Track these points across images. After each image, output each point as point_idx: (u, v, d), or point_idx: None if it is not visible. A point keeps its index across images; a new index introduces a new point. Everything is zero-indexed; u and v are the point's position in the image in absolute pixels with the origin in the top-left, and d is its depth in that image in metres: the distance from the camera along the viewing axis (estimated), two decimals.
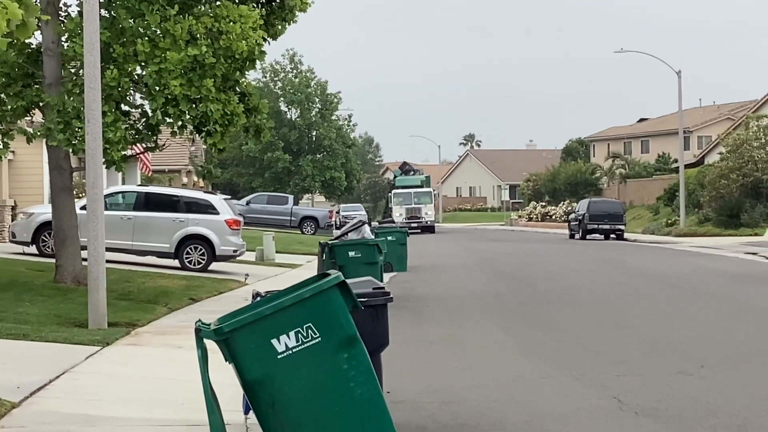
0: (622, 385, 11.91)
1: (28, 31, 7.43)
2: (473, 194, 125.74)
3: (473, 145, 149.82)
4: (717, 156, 63.95)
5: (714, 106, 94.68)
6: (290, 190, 77.73)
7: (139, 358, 13.88)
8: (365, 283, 9.04)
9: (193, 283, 24.44)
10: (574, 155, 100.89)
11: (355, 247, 22.45)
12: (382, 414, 7.41)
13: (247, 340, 7.28)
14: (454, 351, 15.25)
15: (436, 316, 19.84)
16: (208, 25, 19.80)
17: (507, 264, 35.68)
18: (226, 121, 20.36)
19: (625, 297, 23.43)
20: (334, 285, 7.35)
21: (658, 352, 14.80)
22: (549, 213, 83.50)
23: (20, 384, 10.95)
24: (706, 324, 18.35)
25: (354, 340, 7.37)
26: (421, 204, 71.78)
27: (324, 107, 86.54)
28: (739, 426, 9.87)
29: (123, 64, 19.87)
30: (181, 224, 28.25)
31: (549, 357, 14.44)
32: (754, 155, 57.94)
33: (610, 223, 57.54)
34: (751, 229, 55.24)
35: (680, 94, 62.33)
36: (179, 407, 10.54)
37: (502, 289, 25.92)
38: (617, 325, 18.10)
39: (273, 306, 7.31)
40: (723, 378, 12.48)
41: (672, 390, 11.64)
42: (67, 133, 19.82)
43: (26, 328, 15.20)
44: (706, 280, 28.01)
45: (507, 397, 11.41)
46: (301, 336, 7.31)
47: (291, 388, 7.31)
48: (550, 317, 19.57)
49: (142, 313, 18.35)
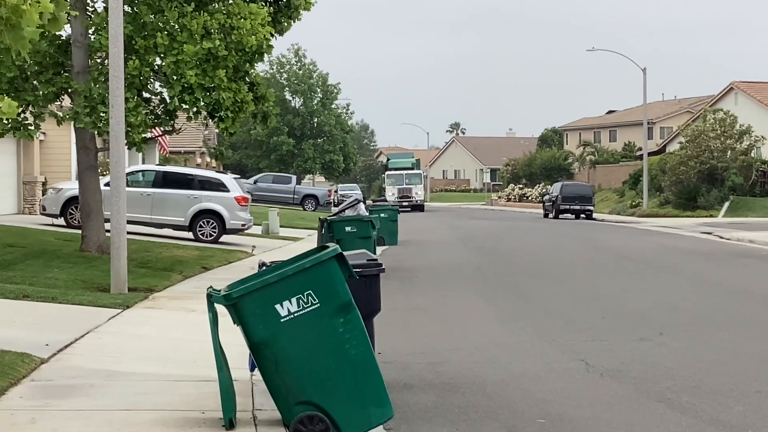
0: (590, 350, 11.93)
1: (59, 25, 7.38)
2: (458, 177, 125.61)
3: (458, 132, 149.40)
4: (677, 145, 63.95)
5: (675, 100, 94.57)
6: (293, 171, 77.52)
7: (156, 320, 13.86)
8: (360, 255, 9.02)
9: (205, 253, 24.40)
10: (549, 143, 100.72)
11: (351, 222, 22.43)
12: (374, 372, 7.42)
13: (253, 305, 7.28)
14: (440, 317, 15.26)
15: (423, 286, 19.84)
16: (221, 21, 19.71)
17: (487, 240, 35.67)
18: (236, 108, 20.29)
19: (593, 271, 23.43)
20: (332, 257, 7.34)
21: (622, 320, 14.84)
22: (526, 194, 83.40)
23: (49, 342, 10.93)
24: (665, 295, 18.36)
25: (349, 306, 7.37)
26: (412, 185, 71.00)
27: (325, 97, 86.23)
28: (693, 387, 9.89)
29: (144, 55, 19.78)
30: (195, 200, 28.18)
31: (524, 324, 14.45)
32: (710, 145, 57.95)
33: (581, 204, 57.50)
34: (707, 211, 55.34)
35: (645, 89, 62.34)
36: (192, 364, 10.53)
37: (482, 262, 25.91)
38: (586, 296, 18.11)
39: (277, 275, 7.31)
40: (679, 344, 12.50)
41: (633, 354, 11.66)
42: (93, 117, 19.75)
43: (55, 292, 15.17)
44: (666, 256, 28.03)
45: (486, 359, 11.43)
46: (302, 302, 7.31)
47: (292, 348, 7.31)
48: (526, 288, 19.58)
49: (159, 280, 18.32)
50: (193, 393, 8.99)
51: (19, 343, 10.56)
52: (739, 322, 14.81)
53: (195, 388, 9.23)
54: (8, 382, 8.90)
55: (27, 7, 6.64)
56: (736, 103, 64.31)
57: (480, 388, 9.76)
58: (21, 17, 6.64)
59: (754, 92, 64.48)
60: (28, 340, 10.84)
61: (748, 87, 65.45)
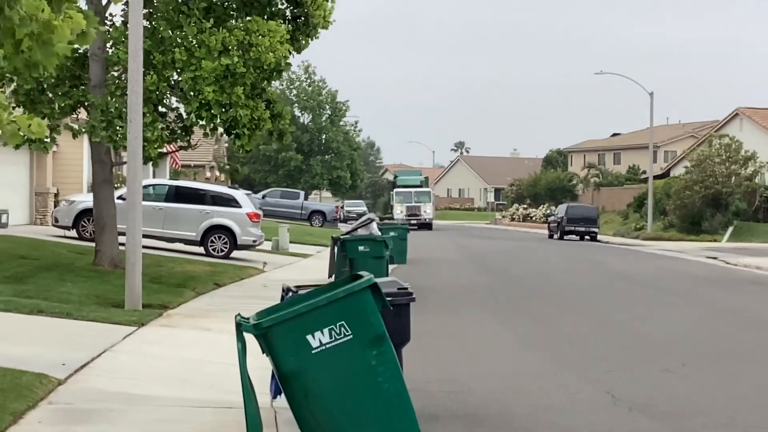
0: (613, 380, 11.53)
1: (89, 40, 7.05)
2: (462, 195, 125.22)
3: (462, 151, 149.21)
4: (682, 169, 63.63)
5: (679, 125, 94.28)
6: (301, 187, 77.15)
7: (172, 338, 13.52)
8: (390, 283, 8.66)
9: (216, 269, 24.06)
10: (553, 164, 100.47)
11: (364, 242, 22.06)
12: (407, 407, 7.07)
13: (284, 336, 6.93)
14: (456, 341, 14.88)
15: (436, 308, 19.41)
16: (239, 38, 19.44)
17: (495, 260, 35.31)
18: (253, 125, 19.99)
19: (606, 295, 23.07)
20: (366, 287, 7.00)
21: (641, 348, 14.43)
22: (530, 214, 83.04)
23: (66, 361, 10.59)
24: (681, 323, 17.94)
25: (383, 339, 7.02)
26: (421, 203, 69.02)
27: (333, 113, 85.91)
28: (726, 424, 9.51)
29: (162, 70, 19.52)
30: (207, 215, 27.88)
31: (544, 350, 14.07)
32: (715, 170, 57.67)
33: (586, 226, 57.18)
34: (711, 235, 54.98)
35: (652, 113, 62.00)
36: (210, 388, 10.21)
37: (492, 283, 25.56)
38: (602, 322, 17.72)
39: (309, 304, 6.97)
40: (704, 376, 12.10)
41: (659, 387, 11.25)
42: (109, 131, 19.47)
43: (69, 307, 14.85)
44: (676, 281, 27.66)
45: (510, 389, 11.03)
46: (334, 333, 6.96)
47: (323, 380, 6.96)
48: (540, 311, 19.20)
49: (173, 296, 17.99)
50: (214, 421, 8.66)
51: (35, 361, 10.25)
52: (764, 354, 14.40)
53: (215, 415, 8.89)
54: (26, 405, 8.55)
55: (59, 22, 6.31)
56: (741, 128, 64.01)
57: (507, 421, 9.37)
58: (52, 33, 6.31)
59: (759, 118, 64.18)
60: (45, 359, 10.51)
61: (754, 113, 65.15)
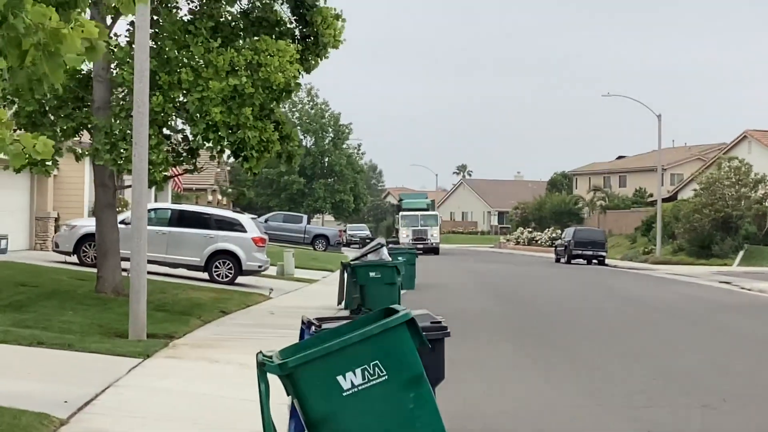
0: (652, 419, 10.82)
1: (98, 54, 6.43)
2: (465, 218, 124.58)
3: (465, 174, 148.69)
4: (690, 192, 63.04)
5: (685, 147, 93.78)
6: (303, 210, 76.62)
7: (179, 371, 12.84)
8: (423, 317, 8.03)
9: (222, 295, 23.41)
10: (558, 187, 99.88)
11: (375, 268, 21.44)
12: None
13: (312, 376, 6.25)
14: (477, 373, 14.16)
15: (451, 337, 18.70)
16: (248, 58, 18.89)
17: (505, 285, 34.66)
18: (261, 147, 19.41)
19: (624, 321, 22.39)
20: (402, 322, 6.34)
21: (675, 381, 13.68)
22: (535, 238, 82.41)
23: (68, 398, 9.93)
24: (711, 353, 17.21)
25: (421, 379, 6.35)
26: (427, 226, 67.75)
27: (336, 136, 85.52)
28: None
29: (168, 91, 18.95)
30: (211, 240, 27.25)
31: (571, 383, 13.35)
32: (725, 193, 57.10)
33: (593, 249, 56.61)
34: (721, 259, 54.38)
35: (659, 135, 61.48)
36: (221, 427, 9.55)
37: (506, 310, 24.88)
38: (628, 352, 16.95)
39: (340, 342, 6.29)
40: (750, 414, 11.37)
41: (703, 427, 10.55)
42: (113, 154, 18.87)
43: (70, 338, 14.21)
44: (693, 307, 26.96)
45: (542, 428, 10.36)
46: (368, 373, 6.29)
47: (355, 426, 6.28)
48: (560, 341, 18.50)
49: (178, 325, 17.33)
50: None
51: (35, 398, 9.61)
52: None
53: None
54: None
55: (68, 31, 5.69)
56: (750, 151, 63.47)
57: None
58: (60, 43, 5.69)
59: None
60: (46, 396, 9.86)
61: (762, 135, 64.64)
